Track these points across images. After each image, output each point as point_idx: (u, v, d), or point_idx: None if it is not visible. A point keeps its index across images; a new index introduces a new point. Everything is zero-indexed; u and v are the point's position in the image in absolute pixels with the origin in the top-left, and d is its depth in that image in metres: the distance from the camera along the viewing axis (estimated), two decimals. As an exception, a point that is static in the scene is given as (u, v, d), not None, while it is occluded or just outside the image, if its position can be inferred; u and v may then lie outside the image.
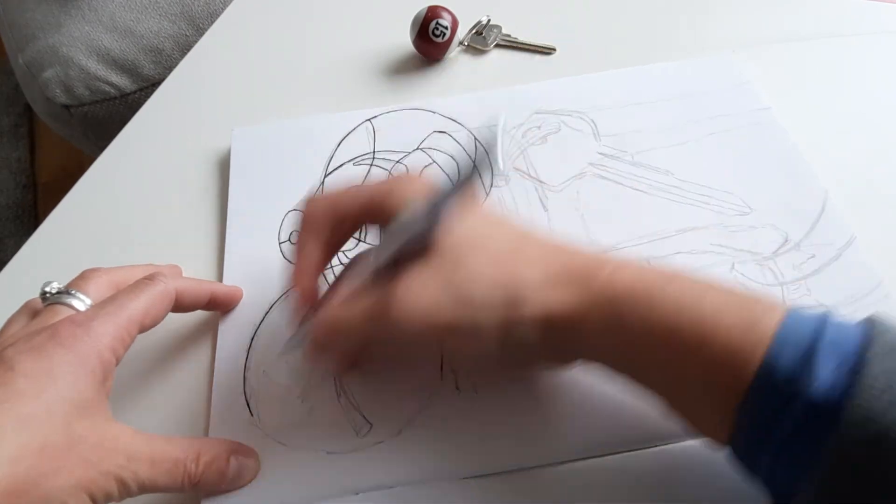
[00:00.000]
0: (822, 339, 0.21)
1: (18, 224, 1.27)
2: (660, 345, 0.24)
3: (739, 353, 0.22)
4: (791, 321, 0.22)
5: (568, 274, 0.26)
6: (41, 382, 0.25)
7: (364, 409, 0.32)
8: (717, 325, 0.23)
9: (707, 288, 0.24)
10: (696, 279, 0.25)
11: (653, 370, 0.25)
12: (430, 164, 0.41)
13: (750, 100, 0.41)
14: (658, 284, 0.25)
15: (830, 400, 0.20)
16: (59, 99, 0.80)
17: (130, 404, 0.33)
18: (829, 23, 0.46)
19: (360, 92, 0.47)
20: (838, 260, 0.34)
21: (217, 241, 0.40)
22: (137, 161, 0.45)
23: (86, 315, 0.28)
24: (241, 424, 0.32)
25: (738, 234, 0.36)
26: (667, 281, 0.25)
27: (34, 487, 0.23)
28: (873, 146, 0.39)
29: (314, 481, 0.30)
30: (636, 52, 0.46)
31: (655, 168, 0.39)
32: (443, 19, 0.46)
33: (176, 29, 0.82)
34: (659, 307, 0.24)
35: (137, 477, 0.25)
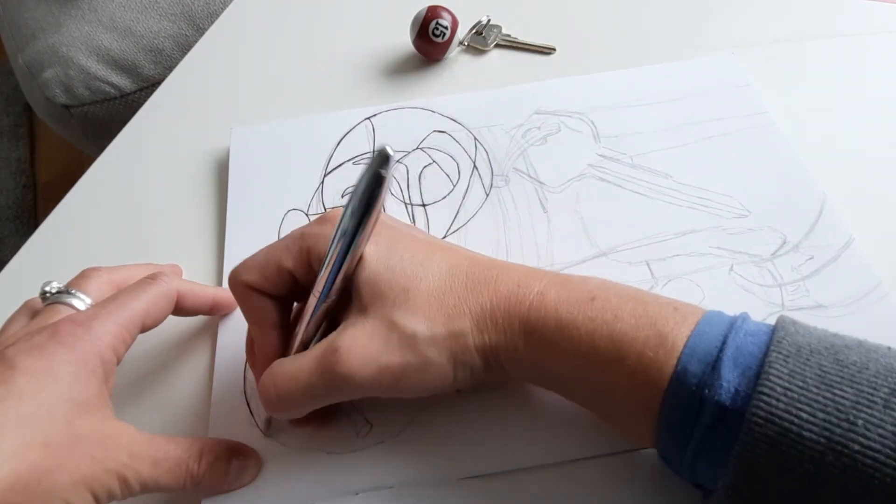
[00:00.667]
0: (728, 346, 0.23)
1: (18, 224, 1.27)
2: (581, 365, 0.25)
3: (654, 364, 0.24)
4: (701, 330, 0.24)
5: (492, 315, 0.26)
6: (41, 381, 0.25)
7: (364, 409, 0.32)
8: (634, 339, 0.24)
9: (627, 300, 0.26)
10: (619, 292, 0.26)
11: (579, 388, 0.27)
12: (430, 163, 0.41)
13: (749, 102, 0.41)
14: (577, 307, 0.26)
15: (736, 404, 0.22)
16: (58, 99, 0.80)
17: (131, 404, 0.33)
18: (828, 23, 0.46)
19: (359, 92, 0.47)
20: (837, 261, 0.34)
21: (217, 240, 0.40)
22: (137, 161, 0.45)
23: (86, 314, 0.28)
24: (241, 425, 0.32)
25: (736, 237, 0.36)
26: (587, 300, 0.26)
27: (36, 484, 0.23)
28: (872, 147, 0.39)
29: (314, 481, 0.30)
30: (636, 53, 0.46)
31: (655, 171, 0.39)
32: (443, 19, 0.46)
33: (176, 29, 0.82)
34: (576, 330, 0.25)
35: (139, 475, 0.25)
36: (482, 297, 0.27)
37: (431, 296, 0.26)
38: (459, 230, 0.38)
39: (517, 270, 0.28)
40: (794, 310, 0.33)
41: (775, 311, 0.33)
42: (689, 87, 0.43)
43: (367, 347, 0.26)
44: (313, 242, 0.28)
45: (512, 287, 0.27)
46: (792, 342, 0.22)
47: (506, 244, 0.37)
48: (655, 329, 0.24)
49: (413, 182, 0.41)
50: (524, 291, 0.27)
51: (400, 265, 0.27)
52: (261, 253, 0.29)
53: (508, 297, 0.26)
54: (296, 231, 0.29)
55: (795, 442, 0.20)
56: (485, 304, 0.26)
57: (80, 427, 0.25)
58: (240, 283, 0.29)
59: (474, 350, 0.26)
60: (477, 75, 0.47)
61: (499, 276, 0.27)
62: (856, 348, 0.22)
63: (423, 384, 0.27)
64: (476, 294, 0.27)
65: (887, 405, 0.20)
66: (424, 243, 0.29)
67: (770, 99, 0.41)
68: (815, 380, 0.21)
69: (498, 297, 0.26)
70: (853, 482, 0.20)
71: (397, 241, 0.28)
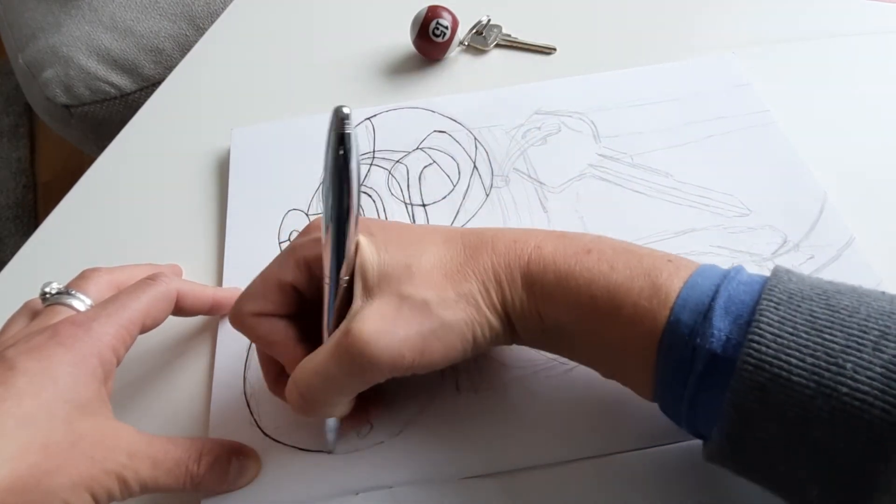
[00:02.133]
0: (721, 295, 0.23)
1: (18, 224, 1.27)
2: (581, 316, 0.25)
3: (648, 314, 0.24)
4: (694, 281, 0.24)
5: (495, 273, 0.26)
6: (41, 382, 0.25)
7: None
8: (629, 289, 0.24)
9: (622, 252, 0.26)
10: (615, 245, 0.26)
11: (581, 342, 0.27)
12: (430, 163, 0.41)
13: (749, 101, 0.41)
14: (574, 258, 0.26)
15: (727, 352, 0.22)
16: (59, 99, 0.80)
17: (130, 405, 0.33)
18: (828, 22, 0.46)
19: (360, 92, 0.47)
20: (837, 261, 0.34)
21: (217, 240, 0.40)
22: (137, 161, 0.45)
23: (86, 315, 0.28)
24: (242, 425, 0.32)
25: (737, 236, 0.36)
26: (583, 252, 0.26)
27: (36, 485, 0.23)
28: (873, 147, 0.39)
29: (314, 481, 0.30)
30: (636, 53, 0.46)
31: (655, 170, 0.39)
32: (443, 19, 0.46)
33: (176, 29, 0.82)
34: (574, 281, 0.25)
35: (139, 476, 0.25)
36: (482, 258, 0.27)
37: (434, 267, 0.26)
38: (459, 230, 0.38)
39: (512, 231, 0.28)
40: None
41: (776, 311, 0.33)
42: (689, 87, 0.43)
43: (380, 323, 0.25)
44: (305, 250, 0.28)
45: (509, 244, 0.27)
46: (784, 289, 0.23)
47: (506, 244, 0.37)
48: (650, 280, 0.24)
49: (413, 182, 0.41)
50: (521, 246, 0.27)
51: (398, 245, 0.27)
52: (256, 281, 0.29)
53: (507, 253, 0.27)
54: (284, 250, 0.29)
55: (785, 387, 0.21)
56: (486, 264, 0.27)
57: (79, 428, 0.25)
58: (245, 315, 0.28)
59: (486, 308, 0.26)
60: (477, 75, 0.47)
61: (494, 237, 0.28)
62: (848, 293, 0.22)
63: (446, 351, 0.26)
64: (476, 258, 0.27)
65: (877, 347, 0.20)
66: (416, 227, 0.29)
67: (770, 99, 0.41)
68: (806, 325, 0.21)
69: (497, 256, 0.27)
70: (842, 424, 0.20)
71: (389, 229, 0.28)
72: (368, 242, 0.27)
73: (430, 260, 0.27)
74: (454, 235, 0.28)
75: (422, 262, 0.26)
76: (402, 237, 0.28)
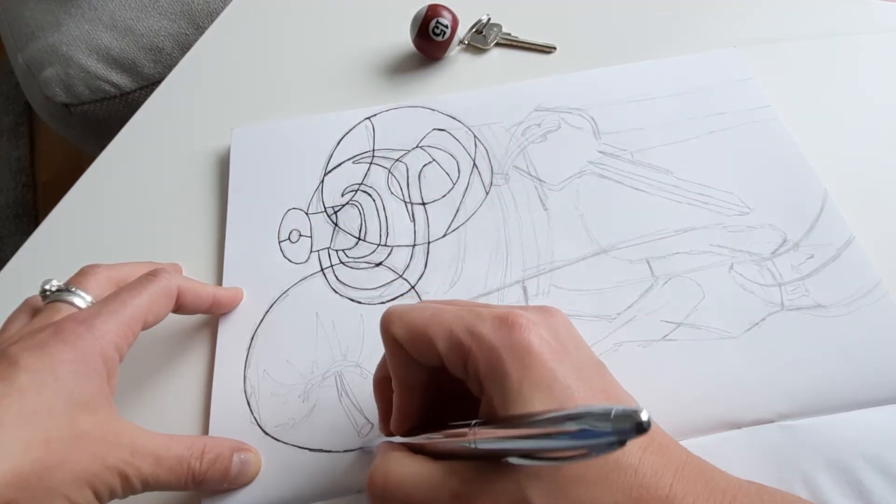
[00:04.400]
0: None
1: (18, 223, 1.27)
2: None
3: None
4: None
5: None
6: (43, 379, 0.25)
7: (365, 408, 0.32)
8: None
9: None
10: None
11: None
12: (430, 162, 0.41)
13: (750, 97, 0.41)
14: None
15: None
16: (58, 98, 0.80)
17: (130, 403, 0.33)
18: (830, 21, 0.46)
19: (360, 91, 0.47)
20: (837, 260, 0.34)
21: (217, 239, 0.40)
22: (137, 160, 0.45)
23: (89, 312, 0.28)
24: (242, 423, 0.32)
25: (737, 234, 0.36)
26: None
27: (38, 480, 0.23)
28: (873, 146, 0.39)
29: (315, 480, 0.30)
30: (636, 51, 0.46)
31: (655, 167, 0.39)
32: (443, 18, 0.46)
33: (176, 28, 0.82)
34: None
35: (141, 473, 0.25)
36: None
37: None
38: (459, 228, 0.38)
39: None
40: (794, 309, 0.33)
41: (775, 310, 0.33)
42: (690, 83, 0.43)
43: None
44: (485, 355, 0.22)
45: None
46: None
47: (506, 242, 0.37)
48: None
49: (413, 180, 0.41)
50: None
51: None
52: (425, 310, 0.25)
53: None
54: (469, 313, 0.24)
55: None
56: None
57: (81, 424, 0.25)
58: (388, 331, 0.25)
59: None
60: (477, 74, 0.47)
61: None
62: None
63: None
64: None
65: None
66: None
67: (771, 96, 0.41)
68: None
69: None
70: None
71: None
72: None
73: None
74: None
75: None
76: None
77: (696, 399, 0.30)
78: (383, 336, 0.25)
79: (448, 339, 0.23)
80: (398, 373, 0.25)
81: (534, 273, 0.36)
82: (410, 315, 0.25)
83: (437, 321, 0.24)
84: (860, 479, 0.27)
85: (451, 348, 0.23)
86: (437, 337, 0.24)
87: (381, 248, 0.38)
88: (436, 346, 0.24)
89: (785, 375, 0.31)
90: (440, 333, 0.24)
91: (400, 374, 0.25)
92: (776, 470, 0.28)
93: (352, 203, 0.40)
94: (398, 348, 0.25)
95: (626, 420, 0.17)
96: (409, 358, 0.25)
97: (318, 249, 0.38)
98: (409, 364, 0.25)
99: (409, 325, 0.24)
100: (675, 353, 0.32)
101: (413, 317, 0.24)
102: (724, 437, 0.29)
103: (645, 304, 0.34)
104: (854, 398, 0.30)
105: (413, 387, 0.25)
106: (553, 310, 0.25)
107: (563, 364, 0.22)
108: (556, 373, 0.22)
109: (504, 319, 0.23)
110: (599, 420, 0.17)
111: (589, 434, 0.18)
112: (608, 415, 0.17)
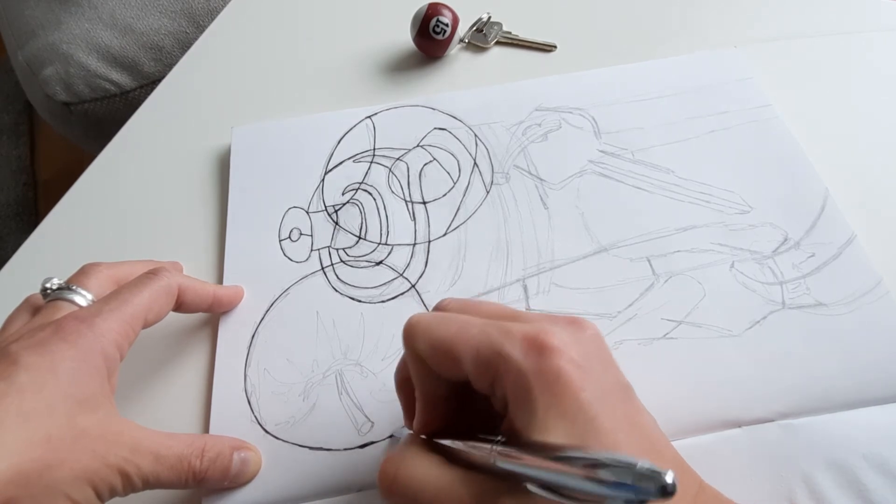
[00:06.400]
0: None
1: (19, 222, 1.27)
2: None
3: None
4: None
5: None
6: (43, 377, 0.25)
7: (365, 407, 0.32)
8: None
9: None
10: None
11: None
12: (430, 161, 0.41)
13: (751, 96, 0.41)
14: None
15: None
16: (59, 96, 0.80)
17: (131, 401, 0.33)
18: (831, 19, 0.46)
19: (360, 89, 0.47)
20: (838, 258, 0.34)
21: (217, 238, 0.40)
22: (137, 159, 0.45)
23: (89, 311, 0.28)
24: (242, 422, 0.32)
25: (738, 233, 0.36)
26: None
27: (38, 478, 0.23)
28: (874, 144, 0.39)
29: (316, 478, 0.30)
30: (637, 49, 0.46)
31: (656, 166, 0.39)
32: (443, 16, 0.46)
33: (176, 26, 0.82)
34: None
35: (141, 471, 0.25)
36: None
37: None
38: (460, 227, 0.38)
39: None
40: (795, 308, 0.33)
41: (776, 309, 0.33)
42: (691, 82, 0.43)
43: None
44: (513, 378, 0.22)
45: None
46: None
47: (506, 241, 0.37)
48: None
49: (413, 180, 0.41)
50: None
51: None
52: (451, 325, 0.24)
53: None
54: (497, 330, 0.23)
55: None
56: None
57: (81, 423, 0.25)
58: (411, 347, 0.24)
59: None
60: (477, 73, 0.47)
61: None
62: None
63: None
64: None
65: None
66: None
67: (772, 95, 0.41)
68: None
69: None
70: None
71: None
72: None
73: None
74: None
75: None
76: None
77: (697, 397, 0.30)
78: (406, 350, 0.25)
79: (475, 359, 0.23)
80: (422, 386, 0.25)
81: (534, 272, 0.36)
82: (435, 331, 0.24)
83: (463, 338, 0.23)
84: (860, 478, 0.27)
85: (478, 368, 0.23)
86: (464, 356, 0.23)
87: (382, 246, 0.38)
88: (461, 365, 0.23)
89: (785, 374, 0.31)
90: (467, 352, 0.23)
91: (424, 388, 0.25)
92: (776, 469, 0.28)
93: (352, 202, 0.40)
94: (421, 363, 0.24)
95: (649, 480, 0.16)
96: (433, 372, 0.24)
97: (319, 248, 0.38)
98: (433, 378, 0.24)
99: (434, 342, 0.24)
100: (676, 352, 0.32)
101: (438, 333, 0.24)
102: (725, 436, 0.29)
103: (646, 302, 0.34)
104: (854, 397, 0.30)
105: (437, 399, 0.25)
106: (584, 324, 0.24)
107: (589, 391, 0.22)
108: (582, 402, 0.21)
109: (534, 342, 0.22)
110: (622, 473, 0.17)
111: (609, 485, 0.17)
112: (631, 469, 0.16)
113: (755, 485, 0.28)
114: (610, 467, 0.17)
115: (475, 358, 0.23)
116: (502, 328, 0.23)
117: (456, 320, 0.24)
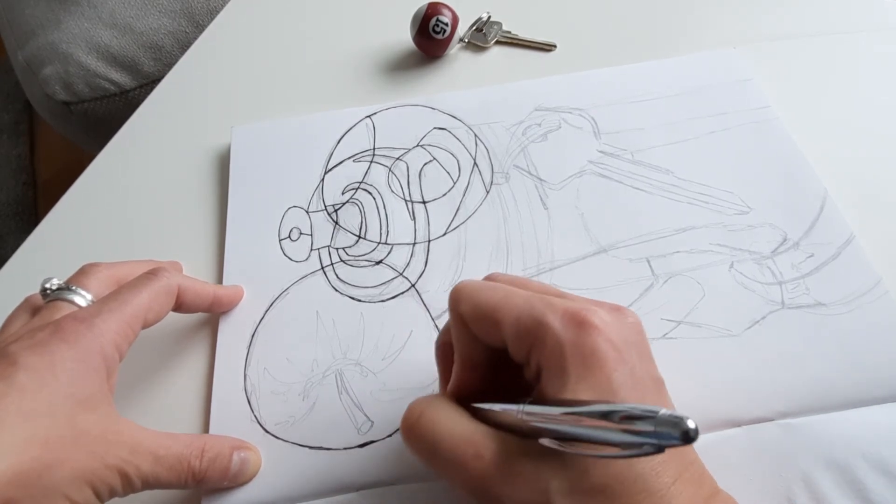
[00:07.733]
0: None
1: (18, 221, 1.27)
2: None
3: None
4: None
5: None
6: (42, 377, 0.25)
7: (365, 406, 0.32)
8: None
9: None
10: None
11: None
12: (430, 160, 0.41)
13: (750, 97, 0.41)
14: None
15: None
16: (58, 96, 0.80)
17: (131, 402, 0.33)
18: (831, 20, 0.46)
19: (360, 89, 0.47)
20: (837, 259, 0.34)
21: (217, 238, 0.40)
22: (137, 158, 0.45)
23: (89, 311, 0.28)
24: (242, 421, 0.32)
25: (737, 233, 0.36)
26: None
27: (37, 478, 0.23)
28: (874, 145, 0.39)
29: (315, 478, 0.30)
30: (637, 49, 0.46)
31: (655, 167, 0.39)
32: (443, 16, 0.46)
33: (176, 25, 0.82)
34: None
35: (140, 471, 0.25)
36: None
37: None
38: (459, 227, 0.38)
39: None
40: (794, 308, 0.33)
41: (775, 309, 0.33)
42: (691, 83, 0.43)
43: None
44: (549, 347, 0.22)
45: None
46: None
47: (506, 241, 0.37)
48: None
49: (413, 179, 0.41)
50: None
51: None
52: (496, 291, 0.24)
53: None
54: (541, 301, 0.23)
55: None
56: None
57: (81, 423, 0.25)
58: (455, 308, 0.25)
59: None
60: (477, 72, 0.47)
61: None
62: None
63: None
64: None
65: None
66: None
67: (771, 96, 0.41)
68: None
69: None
70: None
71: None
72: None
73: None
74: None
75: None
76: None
77: (696, 397, 0.30)
78: (451, 311, 0.25)
79: (515, 326, 0.23)
80: (461, 349, 0.25)
81: (534, 272, 0.36)
82: (480, 295, 0.24)
83: (507, 305, 0.23)
84: (859, 478, 0.27)
85: (516, 335, 0.23)
86: (505, 321, 0.23)
87: (382, 246, 0.38)
88: (502, 330, 0.23)
89: (785, 373, 0.31)
90: (508, 318, 0.23)
91: (463, 350, 0.25)
92: (775, 468, 0.28)
93: (352, 201, 0.40)
94: (464, 325, 0.25)
95: (672, 426, 0.16)
96: (474, 336, 0.25)
97: (319, 247, 0.38)
98: (473, 342, 0.25)
99: (478, 306, 0.24)
100: (676, 352, 0.32)
101: (483, 297, 0.24)
102: (724, 436, 0.29)
103: (645, 302, 0.34)
104: (854, 396, 0.30)
105: (475, 363, 0.25)
106: (627, 312, 0.25)
107: (621, 374, 0.22)
108: (614, 383, 0.21)
109: (575, 316, 0.22)
110: (643, 421, 0.17)
111: (632, 433, 0.17)
112: (653, 416, 0.17)
113: (755, 484, 0.28)
114: (632, 416, 0.17)
115: (516, 324, 0.23)
116: (546, 300, 0.23)
117: (503, 289, 0.25)
